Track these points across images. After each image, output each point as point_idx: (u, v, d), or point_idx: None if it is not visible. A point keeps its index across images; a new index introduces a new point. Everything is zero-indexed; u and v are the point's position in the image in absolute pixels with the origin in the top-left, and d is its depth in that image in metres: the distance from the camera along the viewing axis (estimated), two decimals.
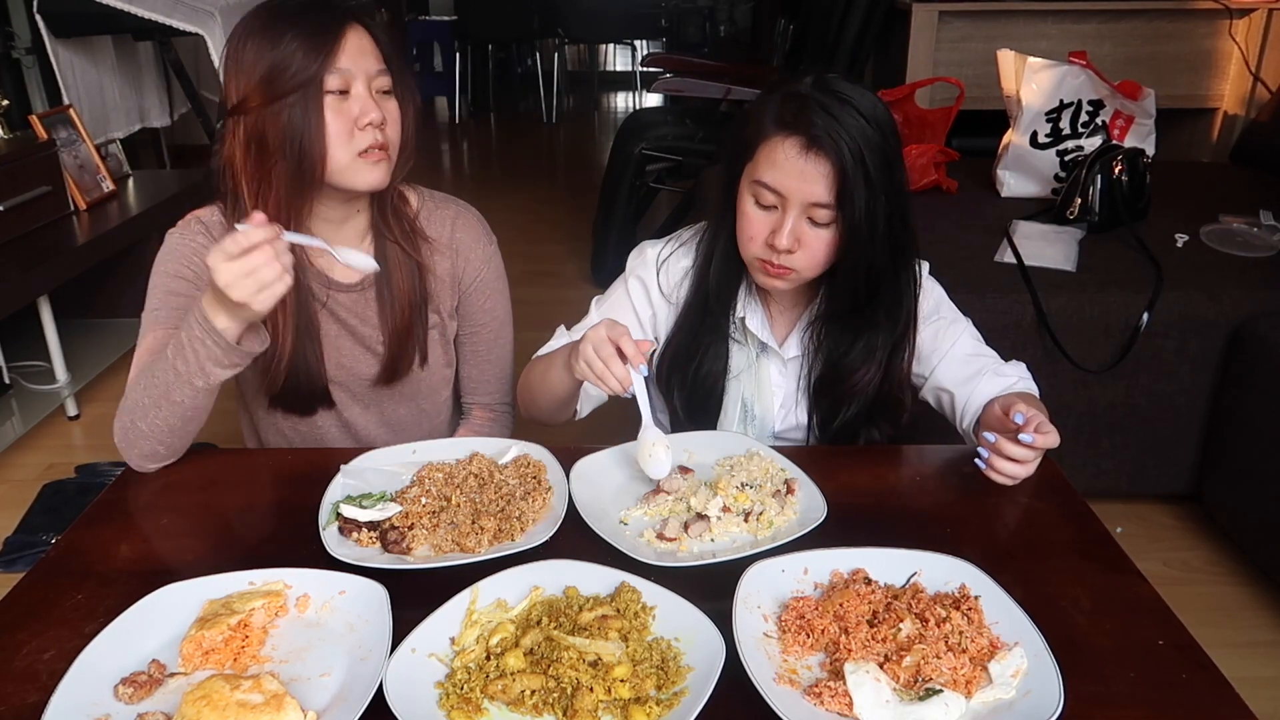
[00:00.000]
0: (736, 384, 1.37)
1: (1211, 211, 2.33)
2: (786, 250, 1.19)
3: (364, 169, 1.23)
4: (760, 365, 1.37)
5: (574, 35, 7.35)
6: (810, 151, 1.15)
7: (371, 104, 1.20)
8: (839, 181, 1.15)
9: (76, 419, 2.76)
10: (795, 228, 1.18)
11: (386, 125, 1.22)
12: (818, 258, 1.21)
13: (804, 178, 1.16)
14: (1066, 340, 1.97)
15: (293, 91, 1.17)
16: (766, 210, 1.21)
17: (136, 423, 1.16)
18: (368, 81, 1.20)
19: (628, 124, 3.80)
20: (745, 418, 1.39)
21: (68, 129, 2.95)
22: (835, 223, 1.18)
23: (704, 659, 0.83)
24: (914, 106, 2.78)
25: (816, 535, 1.02)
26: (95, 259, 2.74)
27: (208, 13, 3.20)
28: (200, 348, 1.10)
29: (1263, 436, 1.89)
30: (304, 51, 1.17)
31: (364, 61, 1.20)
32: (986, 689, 0.81)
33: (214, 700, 0.78)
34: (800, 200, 1.17)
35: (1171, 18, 3.21)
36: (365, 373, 1.40)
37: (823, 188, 1.15)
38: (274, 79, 1.17)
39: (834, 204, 1.16)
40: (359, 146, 1.21)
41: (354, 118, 1.20)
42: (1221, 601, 1.96)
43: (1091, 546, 1.04)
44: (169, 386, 1.13)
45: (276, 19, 1.19)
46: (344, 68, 1.18)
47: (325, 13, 1.19)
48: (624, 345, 1.10)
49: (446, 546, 1.03)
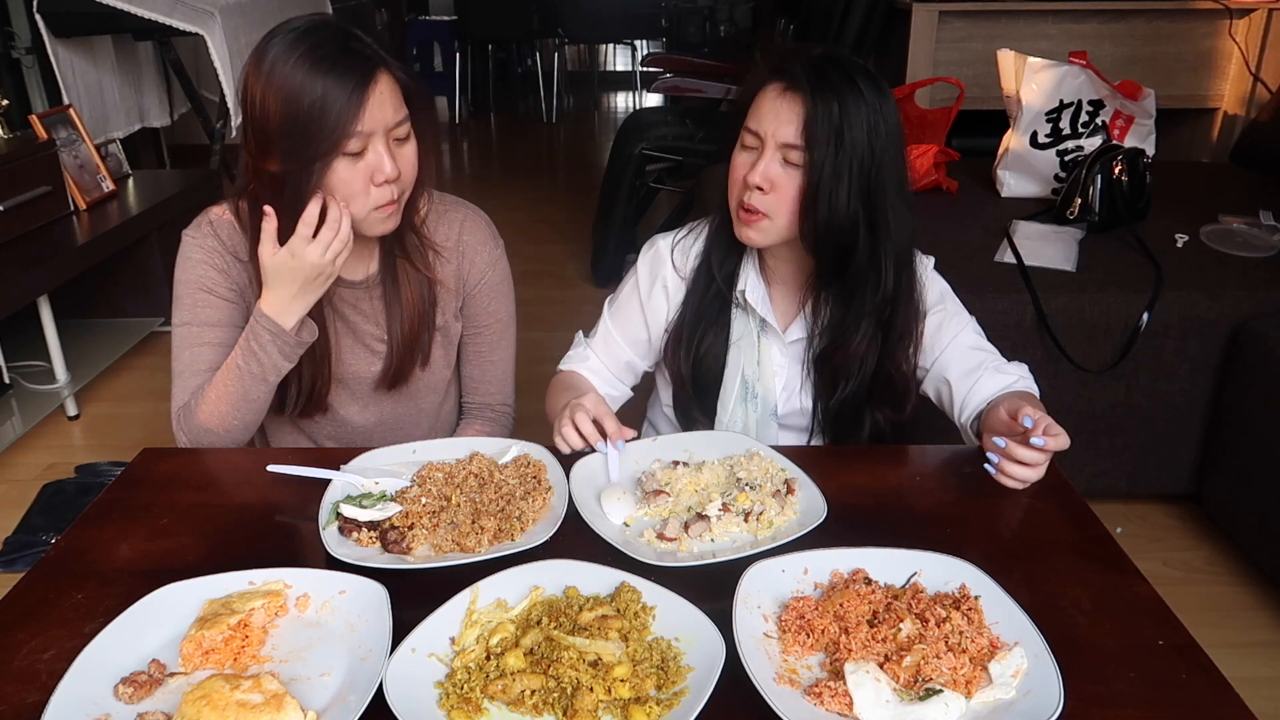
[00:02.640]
0: (737, 353, 1.38)
1: (1211, 211, 2.33)
2: (758, 187, 1.23)
3: (377, 222, 1.24)
4: (762, 344, 1.38)
5: (574, 35, 7.34)
6: (788, 92, 1.22)
7: (387, 161, 1.18)
8: (807, 121, 1.20)
9: (76, 419, 2.76)
10: (768, 168, 1.23)
11: (400, 177, 1.21)
12: (785, 201, 1.23)
13: (779, 117, 1.22)
14: (1066, 340, 1.97)
15: (313, 161, 1.16)
16: (749, 153, 1.25)
17: (214, 429, 1.28)
18: (386, 134, 1.19)
19: (628, 124, 3.80)
20: (746, 394, 1.39)
21: (68, 129, 2.95)
22: (803, 167, 1.22)
23: (704, 659, 0.83)
24: (914, 106, 2.78)
25: (816, 535, 1.02)
26: (95, 259, 2.74)
27: (208, 13, 3.20)
28: (270, 348, 1.24)
29: (1263, 436, 1.89)
30: (325, 120, 1.13)
31: (383, 114, 1.17)
32: (986, 689, 0.81)
33: (214, 700, 0.78)
34: (775, 140, 1.22)
35: (1171, 18, 3.22)
36: (365, 372, 1.40)
37: (794, 128, 1.21)
38: (294, 142, 1.15)
39: (801, 144, 1.20)
40: (373, 203, 1.21)
41: (369, 176, 1.19)
42: (1221, 601, 1.96)
43: (1091, 546, 1.04)
44: (246, 389, 1.26)
45: (303, 68, 1.13)
46: (363, 130, 1.16)
47: (352, 70, 1.14)
48: (606, 425, 1.19)
49: (446, 546, 1.03)
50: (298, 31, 1.16)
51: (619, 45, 8.31)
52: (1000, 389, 1.29)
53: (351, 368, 1.40)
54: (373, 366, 1.40)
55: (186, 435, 1.31)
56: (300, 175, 1.17)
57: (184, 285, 1.32)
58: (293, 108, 1.14)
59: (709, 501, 1.08)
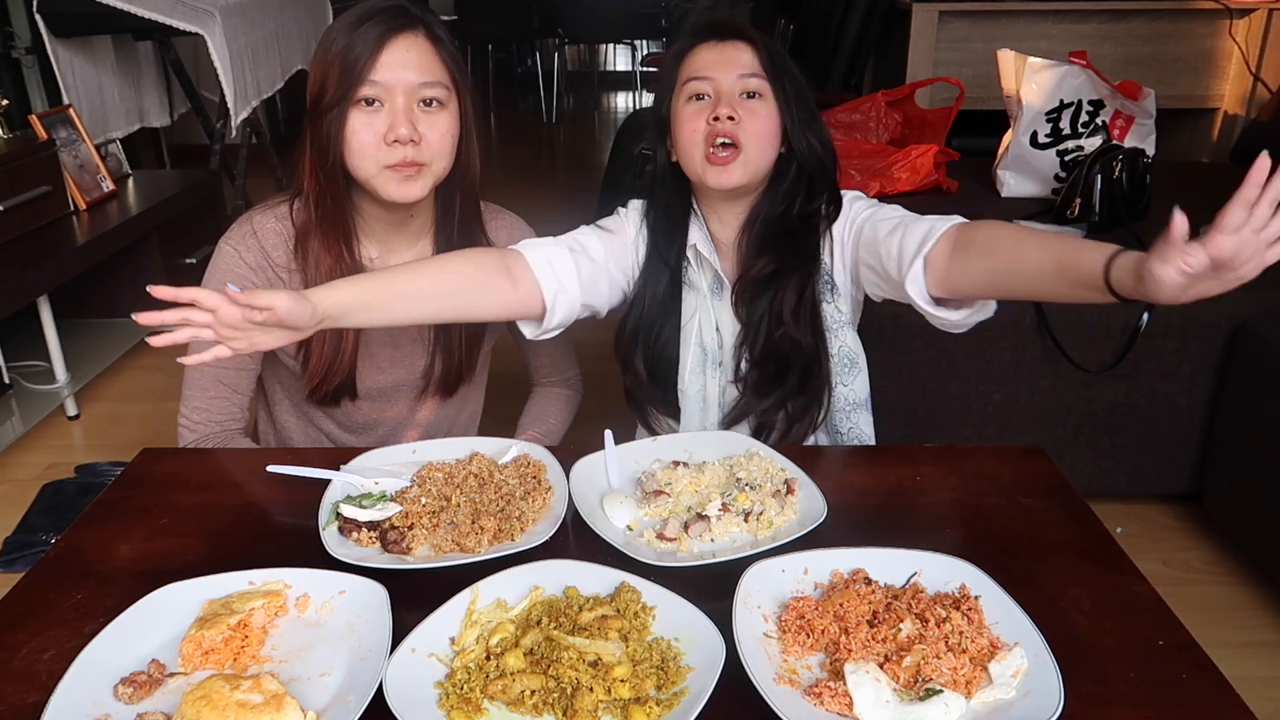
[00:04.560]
0: (692, 328, 1.37)
1: (1211, 211, 2.31)
2: (729, 117, 1.23)
3: (391, 182, 1.22)
4: (716, 307, 1.36)
5: (574, 35, 7.34)
6: (727, 40, 1.28)
7: (402, 119, 1.19)
8: (760, 55, 1.26)
9: (76, 419, 2.76)
10: (730, 99, 1.25)
11: (424, 142, 1.21)
12: (760, 131, 1.25)
13: (726, 59, 1.26)
14: (1066, 340, 1.97)
15: (333, 106, 1.19)
16: (700, 102, 1.27)
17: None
18: (408, 94, 1.19)
19: (628, 124, 3.79)
20: (706, 364, 1.37)
21: (68, 129, 2.95)
22: (769, 97, 1.26)
23: (704, 659, 0.83)
24: (914, 106, 2.78)
25: (816, 535, 1.02)
26: (95, 259, 2.74)
27: (208, 13, 3.20)
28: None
29: (1263, 436, 1.89)
30: (343, 66, 1.18)
31: (406, 74, 1.19)
32: (986, 689, 0.81)
33: (214, 700, 0.77)
34: (730, 75, 1.25)
35: (1171, 18, 3.22)
36: (407, 381, 1.40)
37: (747, 60, 1.26)
38: (322, 91, 1.20)
39: (762, 74, 1.25)
40: (386, 161, 1.20)
41: (382, 132, 1.19)
42: (1221, 601, 1.96)
43: (1091, 546, 1.04)
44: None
45: (340, 29, 1.20)
46: (379, 80, 1.18)
47: (378, 24, 1.19)
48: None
49: (446, 546, 1.02)
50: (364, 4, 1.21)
51: (619, 45, 8.31)
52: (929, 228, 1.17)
53: (390, 374, 1.38)
54: (413, 374, 1.39)
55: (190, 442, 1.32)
56: (324, 128, 1.20)
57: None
58: (324, 57, 1.19)
59: (709, 501, 1.08)
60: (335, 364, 1.32)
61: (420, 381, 1.40)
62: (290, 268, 1.32)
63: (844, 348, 1.36)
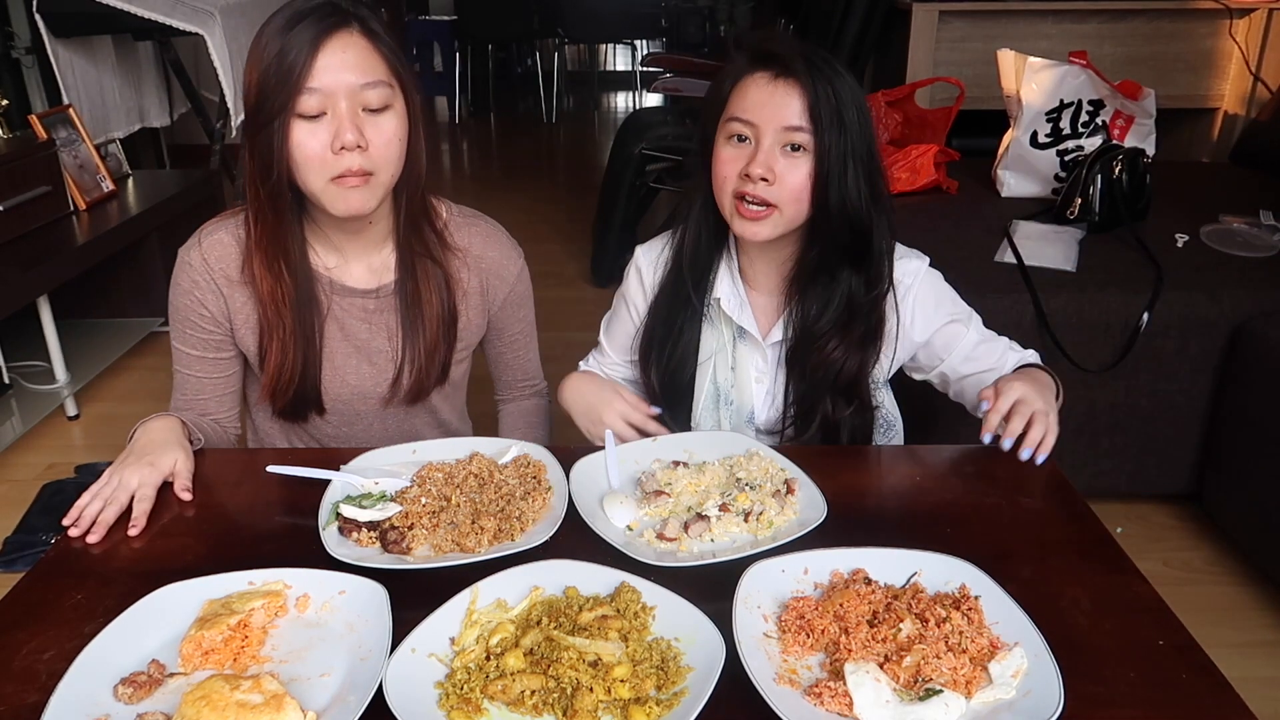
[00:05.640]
0: (708, 368, 1.37)
1: (1211, 211, 2.33)
2: (762, 179, 1.19)
3: (339, 198, 1.17)
4: (739, 351, 1.36)
5: (574, 35, 7.34)
6: (780, 79, 1.19)
7: (348, 125, 1.13)
8: (810, 104, 1.17)
9: (76, 419, 2.76)
10: (769, 156, 1.19)
11: (370, 148, 1.15)
12: (795, 189, 1.20)
13: (775, 102, 1.18)
14: (1066, 340, 1.97)
15: (273, 117, 1.13)
16: (740, 145, 1.22)
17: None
18: (350, 97, 1.13)
19: (628, 124, 3.79)
20: (719, 403, 1.38)
21: (67, 129, 2.95)
22: (811, 151, 1.19)
23: (704, 659, 0.83)
24: (914, 106, 2.78)
25: (816, 535, 1.02)
26: (95, 259, 2.74)
27: (208, 13, 3.20)
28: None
29: (1263, 436, 1.89)
30: (279, 73, 1.11)
31: (346, 76, 1.12)
32: (986, 689, 0.81)
33: (214, 700, 0.77)
34: (773, 125, 1.19)
35: (1171, 18, 3.22)
36: (370, 390, 1.37)
37: (795, 110, 1.18)
38: (258, 103, 1.14)
39: (808, 127, 1.18)
40: (332, 172, 1.15)
41: (327, 142, 1.14)
42: (1221, 601, 1.96)
43: (1091, 546, 1.04)
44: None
45: (271, 34, 1.13)
46: (318, 86, 1.11)
47: (310, 25, 1.11)
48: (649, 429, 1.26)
49: (446, 546, 1.02)
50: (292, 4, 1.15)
51: (619, 45, 8.31)
52: (996, 373, 1.33)
53: (355, 386, 1.36)
54: (380, 385, 1.37)
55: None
56: (264, 141, 1.14)
57: (172, 307, 1.32)
58: (257, 66, 1.13)
59: (709, 501, 1.08)
60: (290, 373, 1.30)
61: (387, 391, 1.38)
62: (240, 280, 1.29)
63: (881, 408, 1.38)
